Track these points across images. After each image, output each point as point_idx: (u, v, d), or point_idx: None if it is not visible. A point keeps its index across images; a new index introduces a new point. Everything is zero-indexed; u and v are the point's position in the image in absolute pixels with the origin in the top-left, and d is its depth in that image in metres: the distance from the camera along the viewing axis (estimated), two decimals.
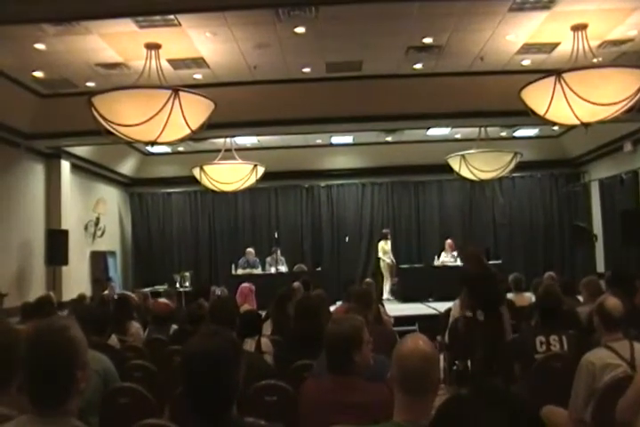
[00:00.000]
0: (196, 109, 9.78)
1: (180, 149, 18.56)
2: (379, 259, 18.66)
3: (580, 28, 10.30)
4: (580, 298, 8.59)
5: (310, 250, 20.23)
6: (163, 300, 9.80)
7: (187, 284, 17.19)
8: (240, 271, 17.24)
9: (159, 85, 9.74)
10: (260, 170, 15.14)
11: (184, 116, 9.50)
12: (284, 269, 17.43)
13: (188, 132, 9.91)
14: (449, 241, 18.00)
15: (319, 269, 17.91)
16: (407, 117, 13.55)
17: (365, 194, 20.48)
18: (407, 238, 19.92)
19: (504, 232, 20.13)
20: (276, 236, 18.34)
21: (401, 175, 20.05)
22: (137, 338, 8.14)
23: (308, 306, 6.15)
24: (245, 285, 10.68)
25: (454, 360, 9.38)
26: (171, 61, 11.68)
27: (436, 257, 17.92)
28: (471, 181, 16.43)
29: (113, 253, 18.87)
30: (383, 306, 9.62)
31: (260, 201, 20.38)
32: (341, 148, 19.60)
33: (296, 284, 10.61)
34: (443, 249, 17.91)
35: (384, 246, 18.52)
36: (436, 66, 12.72)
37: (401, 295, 17.57)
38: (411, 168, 19.70)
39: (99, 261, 17.69)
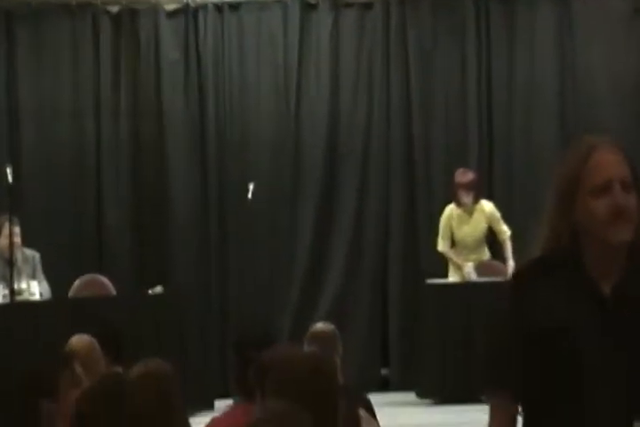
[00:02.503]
0: None
1: None
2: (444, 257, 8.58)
3: None
4: None
5: (126, 226, 9.41)
6: None
7: None
8: None
9: None
10: None
11: None
12: (36, 291, 7.58)
13: None
14: None
15: (157, 290, 8.10)
16: None
17: (318, 33, 9.58)
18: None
19: None
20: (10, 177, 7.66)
21: None
22: None
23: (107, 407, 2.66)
24: None
25: None
26: None
27: None
28: None
29: None
30: (368, 406, 4.11)
31: None
32: None
33: (77, 340, 4.64)
34: None
35: (458, 218, 8.40)
36: None
37: (432, 388, 8.30)
38: None
39: None
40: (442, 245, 8.36)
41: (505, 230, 8.30)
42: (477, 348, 7.22)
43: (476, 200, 8.26)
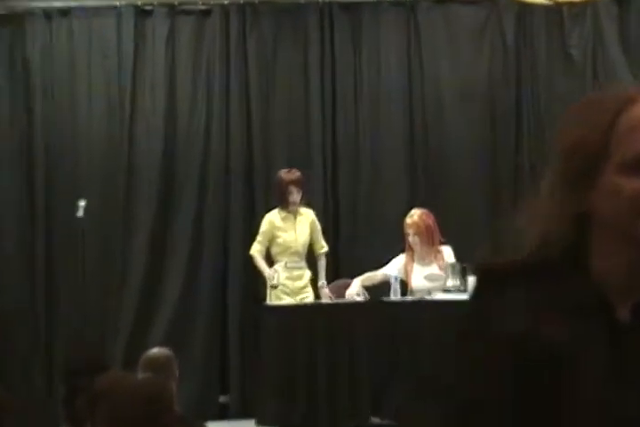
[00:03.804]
0: None
1: None
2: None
3: None
4: None
5: None
6: None
7: None
8: None
9: None
10: None
11: None
12: None
13: None
14: (414, 217, 7.43)
15: None
16: None
17: (153, 41, 9.02)
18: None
19: None
20: None
21: None
22: None
23: None
24: None
25: None
26: None
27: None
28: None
29: None
30: None
31: None
32: None
33: None
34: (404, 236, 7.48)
35: (283, 221, 7.75)
36: None
37: (272, 416, 7.42)
38: None
39: None
40: (254, 250, 7.66)
41: (324, 245, 7.80)
42: (320, 374, 6.96)
43: (303, 199, 7.83)
